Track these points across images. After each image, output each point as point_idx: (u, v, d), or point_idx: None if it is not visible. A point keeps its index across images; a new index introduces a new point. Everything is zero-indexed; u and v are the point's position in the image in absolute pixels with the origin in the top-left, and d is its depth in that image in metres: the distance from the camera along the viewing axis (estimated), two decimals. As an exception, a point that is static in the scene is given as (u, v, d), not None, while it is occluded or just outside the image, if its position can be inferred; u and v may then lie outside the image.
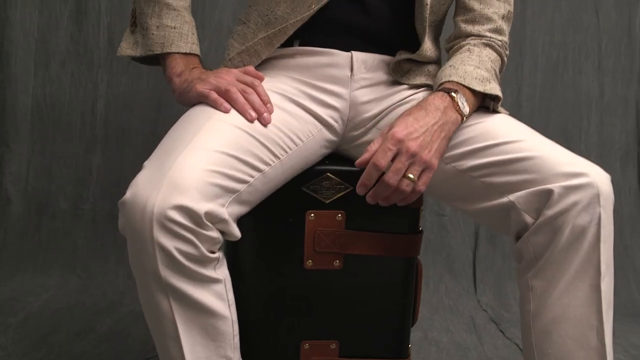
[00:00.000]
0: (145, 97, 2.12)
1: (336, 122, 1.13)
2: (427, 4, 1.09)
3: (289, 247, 1.16)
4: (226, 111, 0.98)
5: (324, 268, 1.16)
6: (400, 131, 0.91)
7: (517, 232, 0.98)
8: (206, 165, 0.88)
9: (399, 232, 1.17)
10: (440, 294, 2.11)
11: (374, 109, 1.13)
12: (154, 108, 2.12)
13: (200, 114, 0.99)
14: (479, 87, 1.01)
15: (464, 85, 1.01)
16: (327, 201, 1.15)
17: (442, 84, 1.02)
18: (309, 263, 1.16)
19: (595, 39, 2.27)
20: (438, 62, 1.20)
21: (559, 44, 2.27)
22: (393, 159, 0.92)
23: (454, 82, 1.01)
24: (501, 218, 0.99)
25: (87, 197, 2.11)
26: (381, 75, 1.14)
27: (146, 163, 0.91)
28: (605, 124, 2.32)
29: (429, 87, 1.15)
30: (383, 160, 0.91)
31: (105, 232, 2.09)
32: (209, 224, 0.86)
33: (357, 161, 0.94)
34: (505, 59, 1.15)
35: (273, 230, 1.15)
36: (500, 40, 1.14)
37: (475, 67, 1.05)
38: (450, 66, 1.06)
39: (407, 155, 0.91)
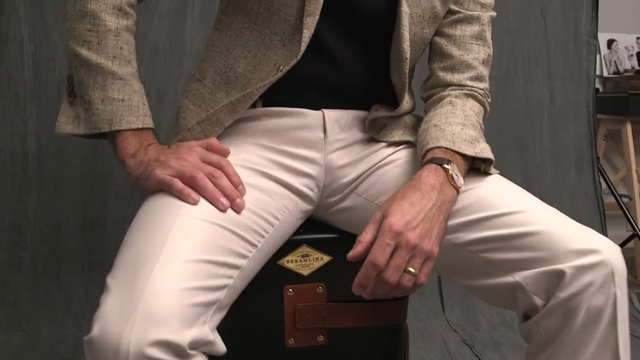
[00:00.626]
0: (80, 131, 1.95)
1: (312, 190, 1.03)
2: (407, 59, 0.99)
3: (268, 327, 1.06)
4: (194, 203, 0.86)
5: (307, 345, 1.07)
6: (397, 221, 0.82)
7: (524, 312, 0.91)
8: (183, 282, 0.76)
9: (384, 300, 1.08)
10: (409, 316, 2.04)
11: (352, 173, 1.04)
12: (91, 143, 1.95)
13: (165, 209, 0.86)
14: (469, 151, 0.93)
15: (453, 151, 0.93)
16: (306, 274, 1.05)
17: (430, 149, 0.93)
18: (290, 342, 1.06)
19: (543, 45, 2.26)
20: (413, 110, 1.12)
21: (508, 52, 2.23)
22: (391, 253, 0.82)
23: (443, 147, 0.93)
24: (505, 296, 0.92)
25: (25, 244, 1.94)
26: (356, 134, 1.05)
27: (110, 282, 0.78)
28: (558, 130, 2.31)
29: (408, 144, 1.06)
30: (382, 258, 0.81)
31: (48, 279, 1.93)
32: (193, 352, 0.75)
33: (350, 255, 0.84)
34: (488, 107, 1.08)
35: (249, 310, 1.05)
36: (482, 89, 1.06)
37: (462, 125, 0.96)
38: (434, 125, 0.97)
39: (407, 249, 0.81)
